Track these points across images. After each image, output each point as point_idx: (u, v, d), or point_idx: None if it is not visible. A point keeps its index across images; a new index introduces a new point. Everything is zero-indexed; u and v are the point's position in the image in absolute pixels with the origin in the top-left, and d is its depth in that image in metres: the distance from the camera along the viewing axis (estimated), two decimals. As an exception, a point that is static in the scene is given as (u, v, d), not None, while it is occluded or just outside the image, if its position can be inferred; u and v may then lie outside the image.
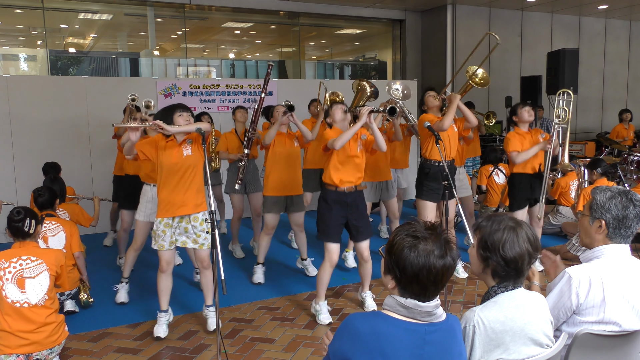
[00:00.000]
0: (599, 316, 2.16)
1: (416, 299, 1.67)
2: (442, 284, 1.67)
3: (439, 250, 1.64)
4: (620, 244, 2.28)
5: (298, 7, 9.71)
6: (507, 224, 1.97)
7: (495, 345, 1.91)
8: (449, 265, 1.66)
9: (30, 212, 3.43)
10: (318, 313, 4.19)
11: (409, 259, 1.64)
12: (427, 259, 1.63)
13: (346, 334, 1.68)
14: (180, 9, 9.24)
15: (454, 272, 4.78)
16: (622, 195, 2.26)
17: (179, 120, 3.74)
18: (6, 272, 3.26)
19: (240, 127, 5.94)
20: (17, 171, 6.72)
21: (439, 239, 1.66)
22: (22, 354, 3.21)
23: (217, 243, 3.08)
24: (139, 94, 7.17)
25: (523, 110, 5.02)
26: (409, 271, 1.64)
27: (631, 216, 2.25)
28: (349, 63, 13.08)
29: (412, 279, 1.65)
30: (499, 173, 7.00)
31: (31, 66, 10.02)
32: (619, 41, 12.57)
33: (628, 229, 2.26)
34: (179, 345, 3.84)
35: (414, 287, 1.66)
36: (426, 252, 1.63)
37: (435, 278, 1.64)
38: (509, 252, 1.92)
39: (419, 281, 1.64)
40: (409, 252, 1.64)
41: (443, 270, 1.64)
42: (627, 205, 2.25)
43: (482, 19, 10.64)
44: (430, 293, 1.67)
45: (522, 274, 1.97)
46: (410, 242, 1.66)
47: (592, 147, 10.18)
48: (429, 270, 1.63)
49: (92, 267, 5.26)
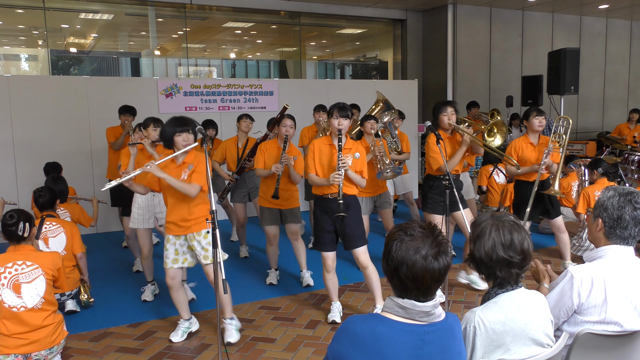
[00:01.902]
0: (601, 316, 2.16)
1: (413, 299, 1.67)
2: (424, 286, 1.65)
3: (424, 250, 1.63)
4: (621, 245, 2.26)
5: (299, 7, 9.71)
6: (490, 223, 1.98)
7: (496, 346, 1.91)
8: (432, 268, 1.64)
9: (24, 216, 3.35)
10: (329, 312, 4.28)
11: (392, 251, 1.65)
12: (407, 255, 1.63)
13: (345, 336, 1.68)
14: (181, 9, 9.24)
15: (473, 284, 4.77)
16: (622, 196, 2.25)
17: (177, 141, 3.67)
18: (2, 278, 3.23)
19: (243, 138, 5.77)
20: (19, 171, 6.73)
21: (429, 239, 1.66)
22: (21, 354, 3.21)
23: (218, 242, 3.08)
24: (139, 93, 7.23)
25: (534, 119, 4.91)
26: (390, 263, 1.66)
27: (627, 217, 2.22)
28: (350, 63, 13.07)
29: (393, 273, 1.67)
30: (499, 173, 7.01)
31: (32, 66, 10.03)
32: (620, 41, 12.56)
33: (624, 229, 2.23)
34: (179, 344, 3.85)
35: (394, 282, 1.68)
36: (408, 248, 1.64)
37: (414, 276, 1.63)
38: (480, 250, 1.95)
39: (398, 276, 1.66)
40: (393, 244, 1.66)
41: (423, 271, 1.63)
42: (624, 205, 2.23)
43: (483, 19, 10.63)
44: (426, 293, 1.66)
45: (496, 276, 1.96)
46: (400, 235, 1.67)
47: (592, 146, 10.18)
48: (409, 267, 1.63)
49: (92, 267, 5.26)
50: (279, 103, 7.96)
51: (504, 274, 1.94)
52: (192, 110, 7.53)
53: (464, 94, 10.31)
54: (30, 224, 3.36)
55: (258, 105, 7.93)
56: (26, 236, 3.34)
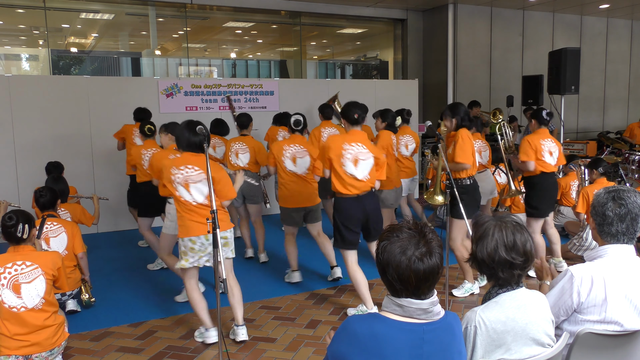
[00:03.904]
0: (601, 315, 2.16)
1: (409, 297, 1.66)
2: (412, 285, 1.64)
3: (418, 252, 1.63)
4: (617, 243, 2.26)
5: (299, 7, 9.71)
6: (493, 224, 1.98)
7: (497, 346, 1.91)
8: (433, 265, 1.64)
9: (24, 217, 3.31)
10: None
11: (389, 261, 1.65)
12: (405, 261, 1.62)
13: (345, 336, 1.68)
14: (182, 9, 9.24)
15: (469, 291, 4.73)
16: (607, 193, 2.27)
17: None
18: (1, 278, 3.21)
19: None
20: (20, 171, 6.73)
21: (415, 239, 1.65)
22: (21, 355, 3.20)
23: (219, 242, 3.09)
24: (140, 93, 7.24)
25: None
26: (389, 273, 1.65)
27: (609, 214, 2.23)
28: (351, 63, 13.07)
29: (382, 272, 1.68)
30: (501, 173, 7.00)
31: (33, 66, 10.03)
32: (620, 40, 12.56)
33: (610, 226, 2.24)
34: (180, 344, 3.85)
35: (384, 278, 1.69)
36: (394, 248, 1.64)
37: (400, 277, 1.63)
38: (482, 251, 1.95)
39: (385, 276, 1.67)
40: (388, 255, 1.65)
41: (408, 271, 1.63)
42: (606, 202, 2.24)
43: (484, 19, 10.63)
44: (417, 293, 1.66)
45: (498, 277, 1.96)
46: (387, 235, 1.68)
47: (593, 146, 10.16)
48: (394, 268, 1.63)
49: (93, 267, 5.27)
50: (279, 103, 7.97)
51: (505, 275, 1.95)
52: (192, 110, 7.54)
53: (464, 94, 10.31)
54: (30, 226, 3.32)
55: (258, 105, 7.93)
56: (25, 238, 3.30)
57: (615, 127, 12.33)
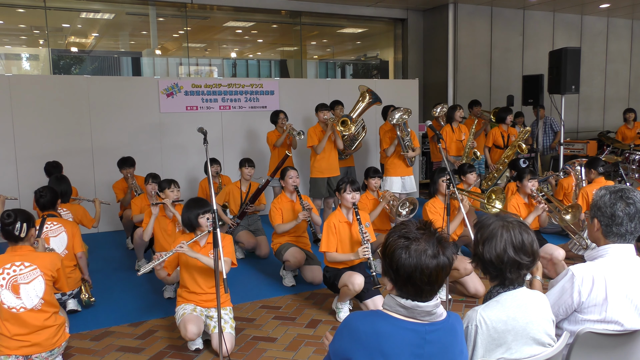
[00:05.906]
0: (601, 315, 2.16)
1: (415, 299, 1.66)
2: (438, 284, 1.66)
3: (431, 250, 1.63)
4: (621, 243, 2.26)
5: (300, 6, 9.71)
6: (499, 224, 1.98)
7: (498, 345, 1.91)
8: (443, 265, 1.64)
9: (22, 215, 3.27)
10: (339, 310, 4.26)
11: (401, 260, 1.63)
12: (420, 260, 1.61)
13: (346, 333, 1.68)
14: (182, 8, 9.25)
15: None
16: (613, 193, 2.26)
17: (202, 222, 3.73)
18: (0, 279, 3.20)
19: (246, 183, 5.93)
20: (20, 171, 6.73)
21: (432, 238, 1.65)
22: (22, 355, 3.20)
23: (219, 242, 3.09)
24: (140, 93, 7.23)
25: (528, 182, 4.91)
26: (402, 272, 1.64)
27: (620, 214, 2.22)
28: (351, 62, 13.07)
29: (406, 281, 1.64)
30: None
31: (33, 65, 10.03)
32: (621, 40, 12.55)
33: (620, 226, 2.23)
34: (180, 344, 3.85)
35: (409, 288, 1.65)
36: (418, 253, 1.62)
37: (429, 278, 1.62)
38: (491, 252, 1.95)
39: (414, 282, 1.63)
40: (401, 254, 1.64)
41: (437, 270, 1.63)
42: (615, 202, 2.23)
43: (484, 18, 10.63)
44: (427, 293, 1.66)
45: (505, 277, 1.96)
46: (403, 243, 1.65)
47: (593, 146, 10.16)
48: (422, 270, 1.62)
49: (94, 267, 5.27)
50: (279, 102, 7.97)
51: (513, 276, 1.95)
52: (193, 109, 7.54)
53: (464, 93, 10.32)
54: (29, 225, 3.29)
55: (259, 104, 7.93)
56: (23, 236, 3.27)
57: (616, 127, 12.28)
